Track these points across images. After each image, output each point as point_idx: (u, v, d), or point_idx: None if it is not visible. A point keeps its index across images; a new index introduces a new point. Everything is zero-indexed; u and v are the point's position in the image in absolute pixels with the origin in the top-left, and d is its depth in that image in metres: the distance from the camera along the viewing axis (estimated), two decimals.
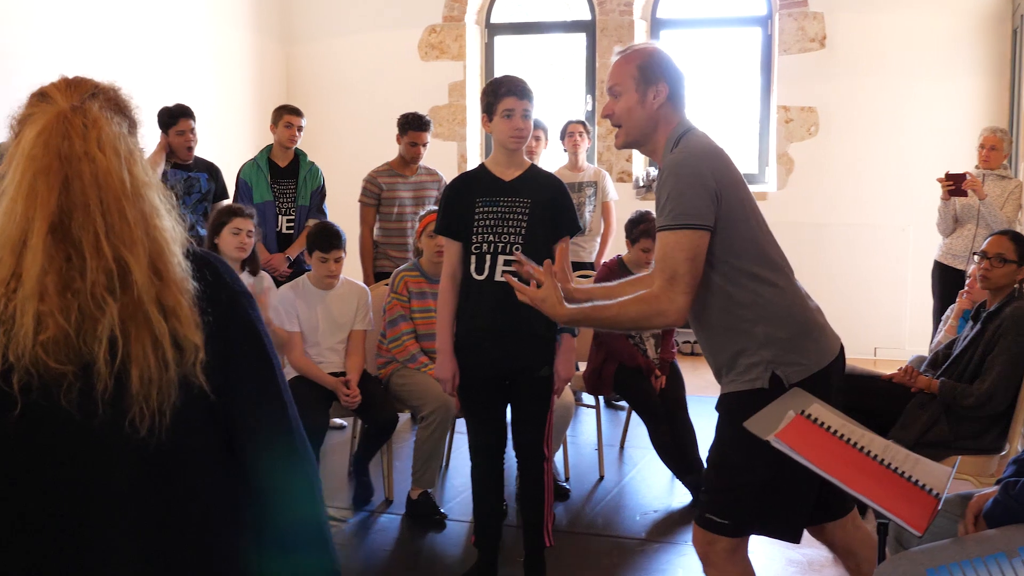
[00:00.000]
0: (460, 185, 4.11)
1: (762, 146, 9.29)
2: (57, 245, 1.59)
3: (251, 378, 1.74)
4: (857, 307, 8.85)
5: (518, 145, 3.97)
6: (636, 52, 3.08)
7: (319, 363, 5.07)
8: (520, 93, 3.90)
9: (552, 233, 4.00)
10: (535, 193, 3.99)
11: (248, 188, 6.56)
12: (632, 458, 6.03)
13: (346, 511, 5.11)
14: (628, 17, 9.27)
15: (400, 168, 6.69)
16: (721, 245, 2.89)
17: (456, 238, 4.02)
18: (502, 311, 3.91)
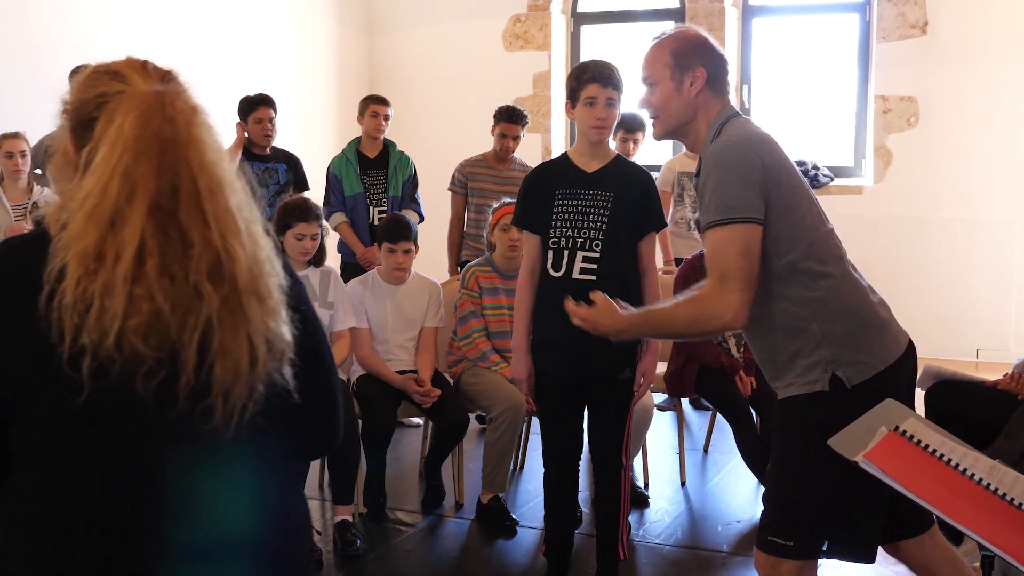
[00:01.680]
0: (539, 175, 3.91)
1: (858, 138, 8.90)
2: (158, 228, 1.54)
3: (314, 388, 1.73)
4: (959, 306, 8.45)
5: (600, 136, 3.74)
6: (669, 37, 2.91)
7: (387, 361, 4.89)
8: (604, 80, 3.67)
9: (635, 229, 3.77)
10: (619, 186, 3.76)
11: (339, 181, 6.46)
12: (716, 463, 5.76)
13: (415, 514, 4.94)
14: (719, 4, 8.96)
15: (493, 160, 6.54)
16: (770, 237, 2.67)
17: (534, 231, 3.82)
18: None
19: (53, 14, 6.71)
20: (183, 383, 1.53)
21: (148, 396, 1.53)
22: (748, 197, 2.61)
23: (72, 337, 1.49)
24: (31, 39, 6.58)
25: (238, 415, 1.56)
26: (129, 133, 1.55)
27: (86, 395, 1.50)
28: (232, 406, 1.56)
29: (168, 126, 1.58)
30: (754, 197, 2.62)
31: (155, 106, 1.58)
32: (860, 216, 8.65)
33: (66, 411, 1.53)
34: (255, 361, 1.57)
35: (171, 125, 1.58)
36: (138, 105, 1.58)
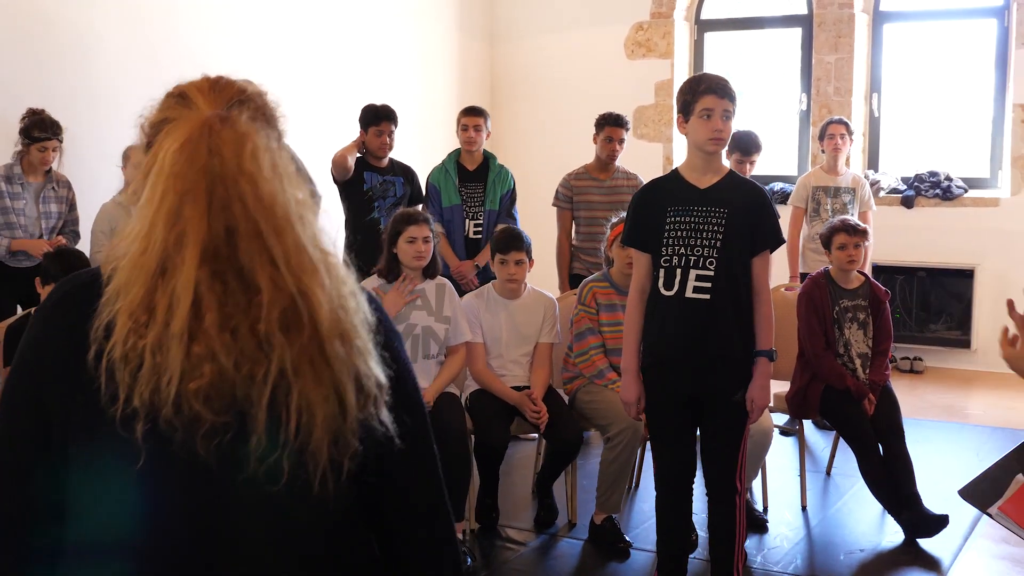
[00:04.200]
0: (650, 192, 3.80)
1: (995, 148, 8.55)
2: (215, 277, 1.36)
3: (410, 435, 1.53)
4: None
5: (716, 148, 3.62)
6: None
7: (502, 376, 4.83)
8: (720, 91, 3.56)
9: (750, 247, 3.64)
10: (733, 202, 3.63)
11: (437, 192, 6.46)
12: (839, 488, 5.55)
13: (527, 533, 4.86)
14: (848, 10, 8.70)
15: (596, 171, 6.52)
16: None
17: (645, 249, 3.71)
18: (693, 330, 3.60)
19: (168, 19, 6.81)
20: (253, 444, 1.36)
21: (211, 458, 1.37)
22: None
23: (124, 396, 1.34)
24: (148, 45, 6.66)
25: (332, 474, 1.40)
26: (171, 169, 1.38)
27: (143, 461, 1.36)
28: (325, 468, 1.39)
29: (215, 159, 1.38)
30: None
31: (202, 136, 1.39)
32: (996, 229, 8.31)
33: (123, 478, 1.39)
34: (346, 411, 1.39)
35: (218, 158, 1.38)
36: (184, 135, 1.39)
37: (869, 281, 5.19)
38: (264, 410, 1.35)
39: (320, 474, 1.39)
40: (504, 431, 4.68)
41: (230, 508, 1.41)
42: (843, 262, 5.05)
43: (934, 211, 8.51)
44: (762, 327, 3.66)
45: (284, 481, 1.37)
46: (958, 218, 8.46)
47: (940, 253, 8.42)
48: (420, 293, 4.70)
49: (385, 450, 1.47)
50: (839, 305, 5.07)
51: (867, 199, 7.13)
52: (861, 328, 5.10)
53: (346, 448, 1.40)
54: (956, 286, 8.48)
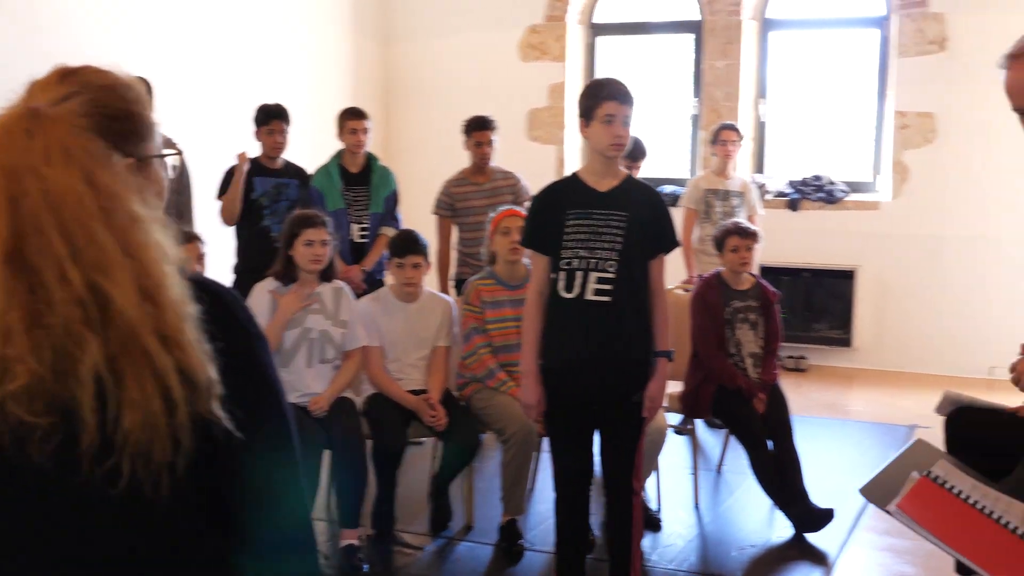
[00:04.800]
0: (550, 195, 3.84)
1: (876, 153, 8.83)
2: (16, 276, 1.31)
3: (265, 440, 1.48)
4: (973, 324, 8.38)
5: (617, 153, 3.68)
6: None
7: (399, 379, 4.83)
8: (622, 97, 3.62)
9: (649, 250, 3.71)
10: (632, 206, 3.69)
11: (321, 196, 6.36)
12: (730, 484, 5.68)
13: (424, 537, 4.86)
14: (736, 17, 8.89)
15: (473, 176, 6.55)
16: None
17: (544, 252, 3.75)
18: (593, 333, 3.64)
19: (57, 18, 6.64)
20: (85, 445, 1.31)
21: (49, 463, 1.32)
22: None
23: None
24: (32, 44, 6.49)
25: (167, 474, 1.35)
26: None
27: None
28: (157, 465, 1.34)
29: (7, 155, 1.34)
30: None
31: (5, 130, 1.35)
32: (876, 232, 8.59)
33: None
34: (173, 408, 1.34)
35: (8, 153, 1.34)
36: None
37: (760, 283, 5.33)
38: (91, 410, 1.31)
39: (153, 474, 1.35)
40: (401, 435, 4.68)
41: (71, 513, 1.38)
42: (735, 264, 5.17)
43: (818, 214, 8.75)
44: (659, 328, 3.74)
45: (123, 483, 1.33)
46: (840, 221, 8.71)
47: (823, 255, 8.67)
48: (317, 297, 4.67)
49: (227, 450, 1.42)
50: (731, 306, 5.19)
51: (754, 203, 7.32)
52: (752, 329, 5.23)
53: (177, 446, 1.35)
54: (838, 287, 8.74)
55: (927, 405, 7.39)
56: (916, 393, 7.85)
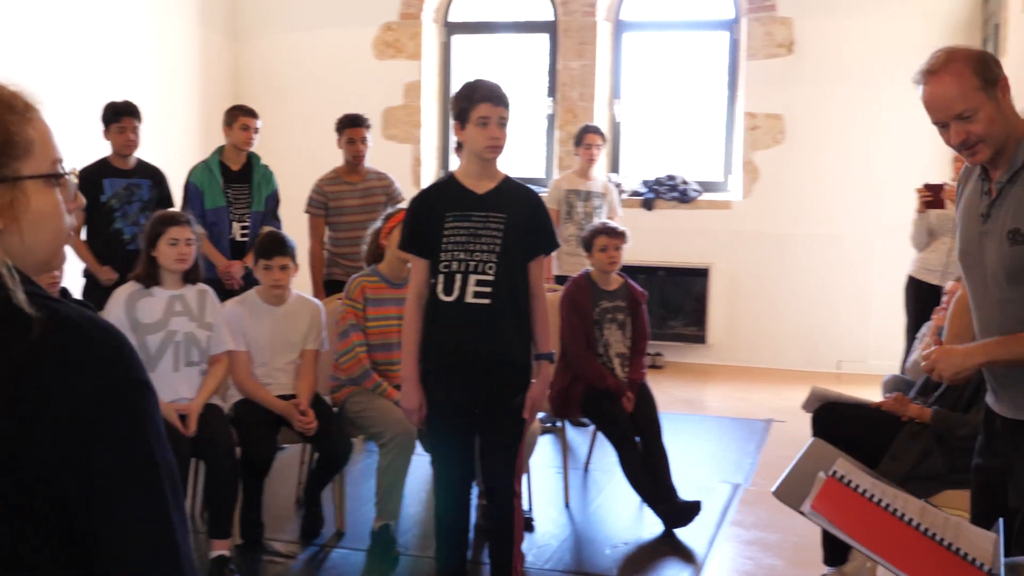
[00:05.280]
0: (428, 197, 3.78)
1: (727, 153, 9.04)
2: None
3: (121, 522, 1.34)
4: (821, 320, 8.66)
5: (493, 155, 3.65)
6: (958, 63, 2.68)
7: (267, 384, 4.69)
8: (496, 99, 3.59)
9: (528, 252, 3.68)
10: (511, 208, 3.66)
11: (199, 193, 6.18)
12: (598, 483, 5.72)
13: (295, 545, 4.74)
14: (591, 18, 8.98)
15: (347, 175, 6.48)
16: None
17: (423, 255, 3.69)
18: (474, 336, 3.60)
19: None
20: None
21: None
22: None
23: None
24: None
25: None
26: None
27: None
28: None
29: None
30: None
31: None
32: (728, 231, 8.79)
33: None
34: None
35: None
36: None
37: (628, 283, 5.37)
38: None
39: None
40: (271, 442, 4.55)
41: None
42: (604, 264, 5.20)
43: (672, 213, 8.90)
44: (540, 330, 3.72)
45: None
46: (694, 220, 8.89)
47: (678, 253, 8.83)
48: (180, 298, 4.50)
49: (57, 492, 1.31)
50: (599, 306, 5.22)
51: (615, 204, 7.41)
52: (620, 328, 5.27)
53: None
54: (692, 284, 8.92)
55: (780, 399, 7.68)
56: (769, 388, 8.08)
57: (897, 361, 7.35)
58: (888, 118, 8.36)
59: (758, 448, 6.43)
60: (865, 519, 1.96)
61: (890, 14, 8.33)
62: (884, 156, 8.41)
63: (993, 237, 2.73)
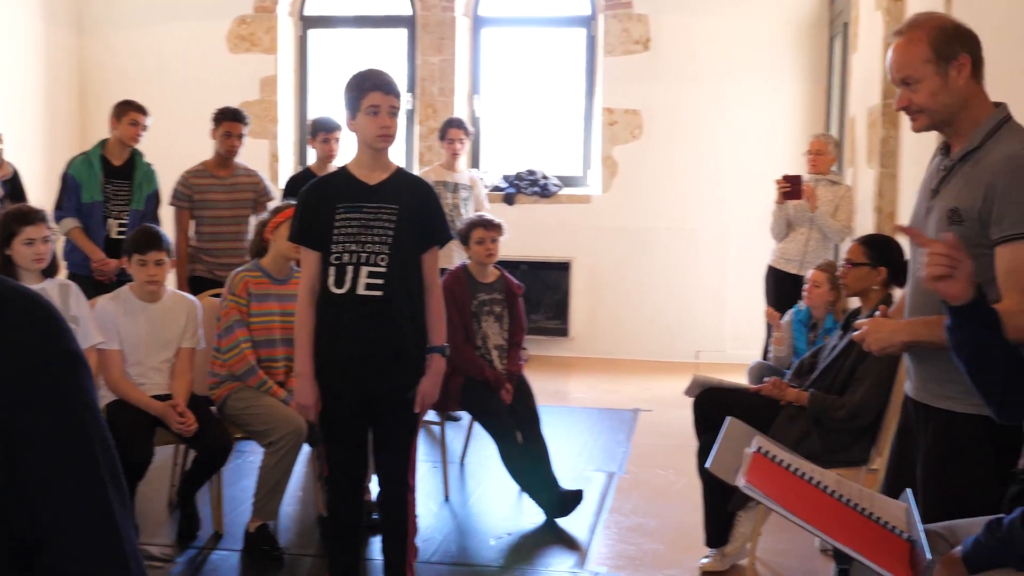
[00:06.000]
0: (318, 189, 3.72)
1: (586, 148, 9.15)
2: None
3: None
4: (680, 311, 8.85)
5: (385, 144, 3.61)
6: (920, 30, 2.70)
7: (141, 384, 4.53)
8: (387, 88, 3.55)
9: (421, 242, 3.65)
10: (403, 199, 3.63)
11: (77, 186, 5.96)
12: (475, 476, 5.72)
13: (170, 549, 4.59)
14: (450, 14, 8.98)
15: (215, 169, 6.31)
16: None
17: (314, 247, 3.62)
18: (366, 329, 3.55)
19: None
20: None
21: None
22: None
23: None
24: None
25: None
26: None
27: None
28: None
29: None
30: None
31: None
32: (588, 225, 8.90)
33: None
34: None
35: None
36: None
37: (504, 275, 5.39)
38: None
39: None
40: (147, 445, 4.39)
41: None
42: (482, 256, 5.20)
43: (533, 207, 8.97)
44: (434, 323, 3.69)
45: None
46: (555, 214, 8.97)
47: (539, 247, 8.89)
48: (41, 294, 4.29)
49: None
50: (477, 299, 5.22)
51: (482, 197, 7.42)
52: (497, 321, 5.28)
53: None
54: (554, 278, 9.00)
55: (645, 389, 7.83)
56: (633, 378, 8.22)
57: (753, 350, 7.58)
58: (741, 113, 8.62)
59: (628, 437, 6.53)
60: (793, 491, 2.01)
61: (742, 12, 8.57)
62: (737, 150, 8.65)
63: (936, 214, 2.76)
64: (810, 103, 8.62)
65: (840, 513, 2.01)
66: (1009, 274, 2.55)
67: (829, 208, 6.62)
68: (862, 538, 1.95)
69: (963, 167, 2.71)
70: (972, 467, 2.65)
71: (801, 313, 5.74)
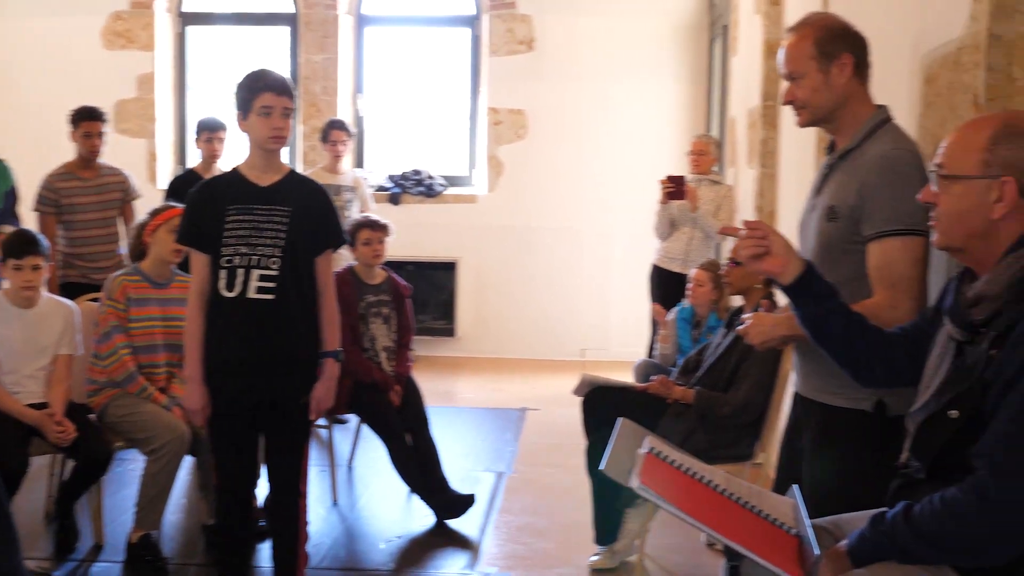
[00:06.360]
0: (208, 190, 3.64)
1: (471, 148, 9.16)
2: None
3: None
4: (565, 310, 8.91)
5: (276, 146, 3.55)
6: (808, 27, 2.80)
7: (15, 393, 4.36)
8: (279, 89, 3.50)
9: (314, 245, 3.60)
10: (296, 201, 3.57)
11: None
12: (364, 479, 5.67)
13: (47, 563, 4.43)
14: (333, 12, 8.89)
15: (79, 171, 6.14)
16: None
17: (203, 249, 3.54)
18: (258, 333, 3.49)
19: None
20: None
21: None
22: (924, 209, 2.52)
23: None
24: None
25: None
26: None
27: None
28: None
29: None
30: (924, 209, 2.57)
31: None
32: (475, 225, 8.91)
33: None
34: None
35: None
36: None
37: (391, 276, 5.35)
38: None
39: None
40: (22, 455, 4.23)
41: None
42: (368, 257, 5.16)
43: (419, 208, 8.94)
44: (328, 327, 3.65)
45: None
46: (440, 214, 8.95)
47: (425, 247, 8.86)
48: None
49: None
50: (364, 300, 5.18)
51: (367, 198, 7.38)
52: (385, 323, 5.25)
53: None
54: (440, 278, 8.99)
55: (531, 388, 7.87)
56: (519, 378, 8.25)
57: (638, 347, 7.68)
58: (624, 113, 8.72)
59: (516, 436, 6.55)
60: (686, 491, 2.03)
61: (624, 13, 8.67)
62: (620, 150, 8.75)
63: (817, 211, 2.84)
64: (692, 104, 8.76)
65: (731, 511, 2.04)
66: (879, 270, 2.64)
67: (711, 208, 6.73)
68: (752, 535, 1.99)
69: (842, 165, 2.80)
70: (852, 461, 2.73)
71: (685, 311, 5.83)
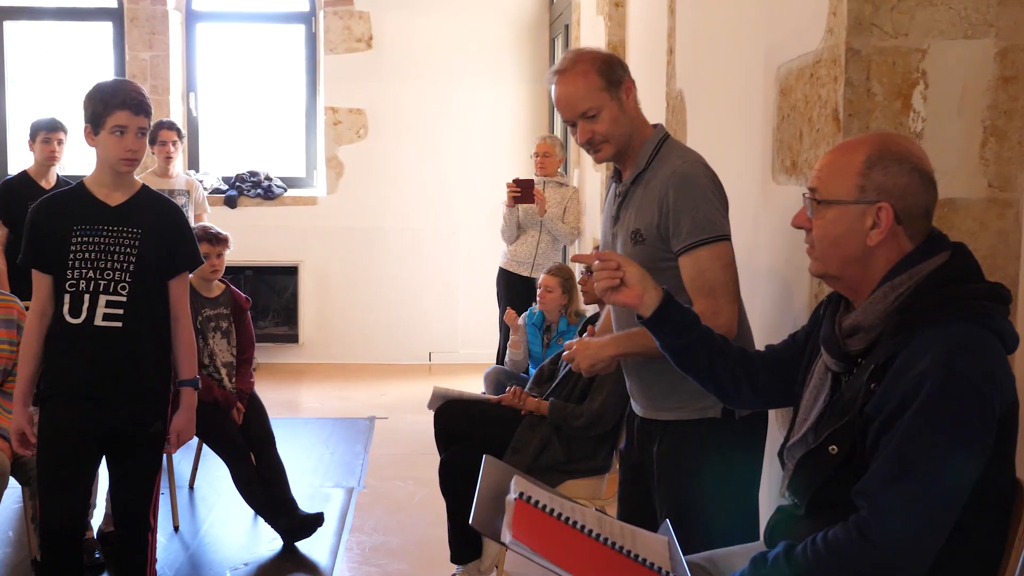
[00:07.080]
0: (51, 207, 3.37)
1: (309, 148, 8.92)
2: None
3: None
4: (412, 313, 8.77)
5: (129, 169, 3.31)
6: (584, 62, 2.74)
7: None
8: (137, 107, 3.24)
9: (168, 268, 3.38)
10: (147, 221, 3.33)
11: None
12: (207, 502, 5.41)
13: None
14: (161, 7, 8.52)
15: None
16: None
17: (46, 271, 3.29)
18: (105, 363, 3.26)
19: None
20: None
21: None
22: (723, 215, 2.67)
23: None
24: None
25: None
26: None
27: None
28: None
29: None
30: (726, 215, 2.69)
31: None
32: (315, 227, 8.68)
33: None
34: None
35: None
36: None
37: (230, 289, 5.12)
38: None
39: None
40: None
41: None
42: (205, 272, 4.91)
43: (257, 210, 8.65)
44: (184, 355, 3.42)
45: None
46: (280, 216, 8.68)
47: (265, 251, 8.58)
48: None
49: None
50: (202, 315, 4.93)
51: (202, 201, 7.07)
52: (224, 337, 5.01)
53: None
54: (282, 283, 8.73)
55: (379, 395, 7.69)
56: (367, 384, 8.07)
57: (486, 350, 7.60)
58: (465, 113, 8.62)
59: (365, 448, 6.37)
60: (558, 540, 1.92)
61: (462, 11, 8.55)
62: (463, 150, 8.65)
63: (620, 238, 2.83)
64: (534, 104, 8.71)
65: (606, 558, 1.95)
66: (693, 280, 2.67)
67: (558, 211, 6.68)
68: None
69: (636, 190, 2.81)
70: (704, 469, 2.72)
71: (534, 316, 5.77)
